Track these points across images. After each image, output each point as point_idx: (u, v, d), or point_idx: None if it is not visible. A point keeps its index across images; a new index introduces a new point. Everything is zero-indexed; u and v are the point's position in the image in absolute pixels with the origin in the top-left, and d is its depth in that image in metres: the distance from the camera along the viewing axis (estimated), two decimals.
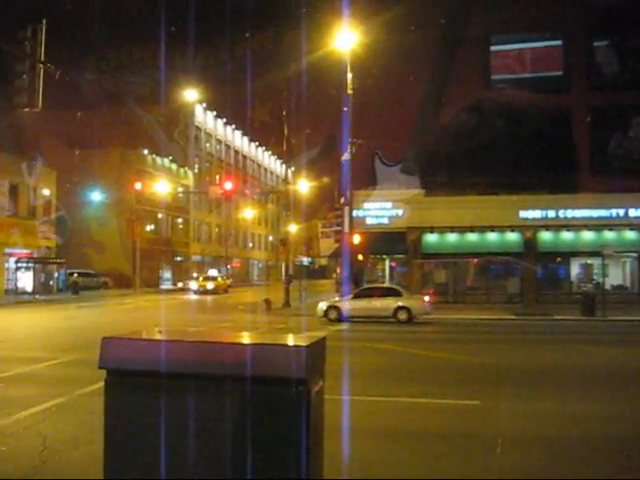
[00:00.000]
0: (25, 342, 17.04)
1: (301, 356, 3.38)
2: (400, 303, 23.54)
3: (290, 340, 3.80)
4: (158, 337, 3.88)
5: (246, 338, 4.05)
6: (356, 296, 24.73)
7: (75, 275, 49.80)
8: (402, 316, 23.29)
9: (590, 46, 32.34)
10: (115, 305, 36.31)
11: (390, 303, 23.58)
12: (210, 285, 52.36)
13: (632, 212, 30.45)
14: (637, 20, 30.34)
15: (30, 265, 45.40)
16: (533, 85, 31.85)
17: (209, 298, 45.91)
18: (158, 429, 3.39)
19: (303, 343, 3.51)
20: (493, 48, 33.09)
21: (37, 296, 41.75)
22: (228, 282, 57.98)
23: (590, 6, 30.17)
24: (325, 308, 24.31)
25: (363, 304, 23.83)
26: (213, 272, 63.75)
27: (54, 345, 15.78)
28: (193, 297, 47.80)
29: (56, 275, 47.50)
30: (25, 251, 45.05)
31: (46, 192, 47.16)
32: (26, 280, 44.89)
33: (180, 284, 60.33)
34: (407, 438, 7.12)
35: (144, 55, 23.25)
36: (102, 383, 3.62)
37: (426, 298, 24.56)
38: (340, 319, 23.48)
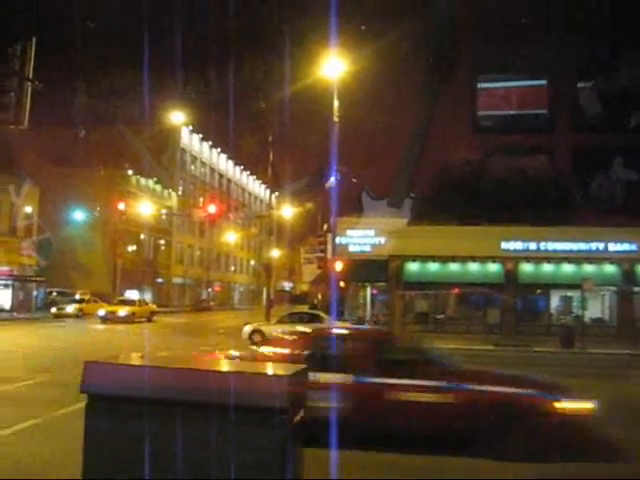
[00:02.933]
0: (1, 361, 16.79)
1: (283, 385, 3.41)
2: None
3: (271, 369, 3.83)
4: (140, 363, 3.89)
5: (228, 366, 4.07)
6: (280, 321, 25.54)
7: (54, 294, 49.26)
8: None
9: (574, 87, 32.97)
10: (93, 325, 35.90)
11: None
12: (122, 312, 38.67)
13: (612, 246, 30.76)
14: (618, 63, 31.10)
15: (9, 282, 44.90)
16: (518, 123, 32.47)
17: (121, 328, 33.62)
18: (138, 455, 3.40)
19: (284, 372, 3.54)
20: (480, 85, 33.65)
21: (15, 314, 41.23)
22: (153, 307, 45.44)
23: (575, 48, 30.78)
24: (250, 331, 25.24)
25: (286, 329, 24.14)
26: (132, 294, 47.07)
27: (31, 365, 15.57)
28: (100, 327, 34.98)
29: (35, 293, 46.94)
30: (5, 268, 44.59)
31: (28, 209, 46.91)
32: (4, 297, 44.35)
33: (54, 309, 42.36)
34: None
35: (134, 80, 23.40)
36: (79, 405, 3.61)
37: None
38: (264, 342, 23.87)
